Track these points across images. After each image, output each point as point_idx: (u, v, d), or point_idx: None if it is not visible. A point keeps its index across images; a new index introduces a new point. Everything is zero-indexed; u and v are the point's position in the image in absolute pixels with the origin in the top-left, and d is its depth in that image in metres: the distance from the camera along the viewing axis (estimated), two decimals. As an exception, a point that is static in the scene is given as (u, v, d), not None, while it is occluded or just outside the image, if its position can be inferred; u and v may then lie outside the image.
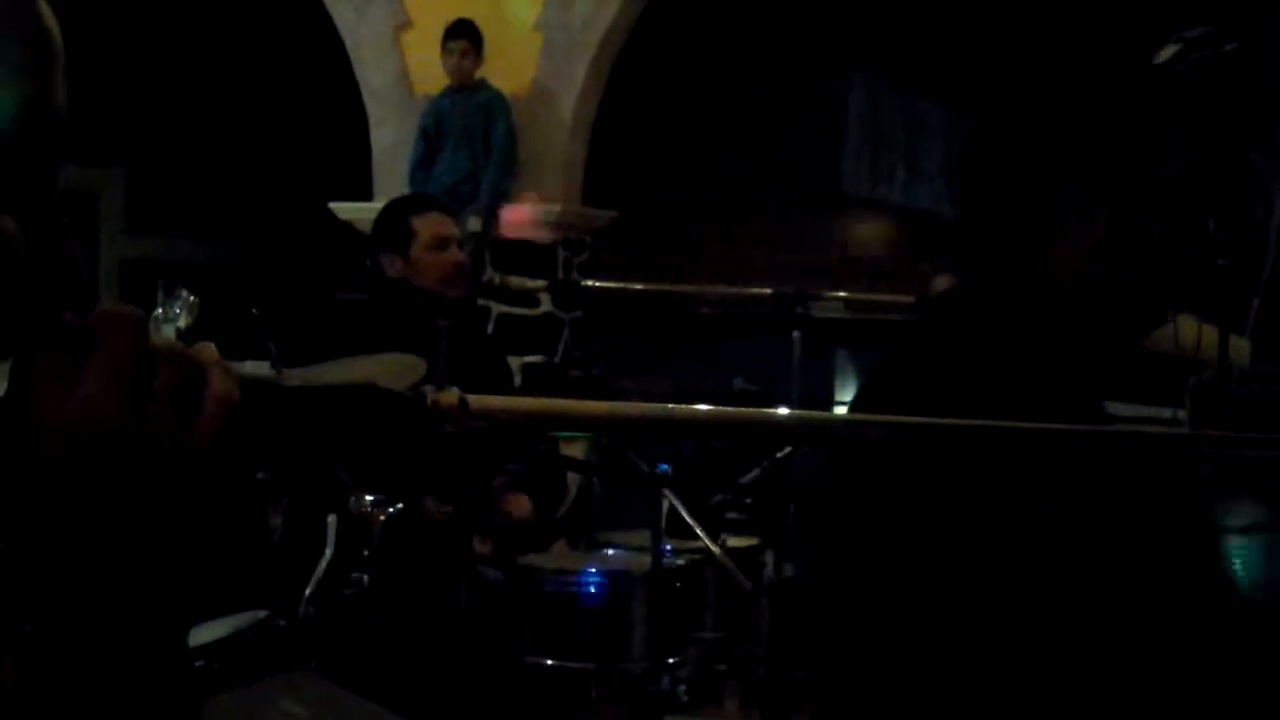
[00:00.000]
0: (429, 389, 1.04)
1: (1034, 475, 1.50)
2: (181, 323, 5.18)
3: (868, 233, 10.39)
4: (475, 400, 1.02)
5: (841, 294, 4.25)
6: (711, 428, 1.21)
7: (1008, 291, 1.68)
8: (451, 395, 1.02)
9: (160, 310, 5.23)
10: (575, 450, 4.88)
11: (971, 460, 1.50)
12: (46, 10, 0.82)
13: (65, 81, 0.83)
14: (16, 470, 0.77)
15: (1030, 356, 1.66)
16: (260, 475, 4.00)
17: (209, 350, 0.84)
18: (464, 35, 7.20)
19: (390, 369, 2.81)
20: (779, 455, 3.90)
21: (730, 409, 1.06)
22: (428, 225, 4.13)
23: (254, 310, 3.43)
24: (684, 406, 1.11)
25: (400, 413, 0.99)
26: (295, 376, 0.90)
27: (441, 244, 4.11)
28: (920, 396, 1.59)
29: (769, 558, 3.84)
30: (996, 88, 1.72)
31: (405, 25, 7.66)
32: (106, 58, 8.78)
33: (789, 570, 3.86)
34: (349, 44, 7.72)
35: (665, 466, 4.07)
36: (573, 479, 4.87)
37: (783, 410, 1.00)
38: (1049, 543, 1.51)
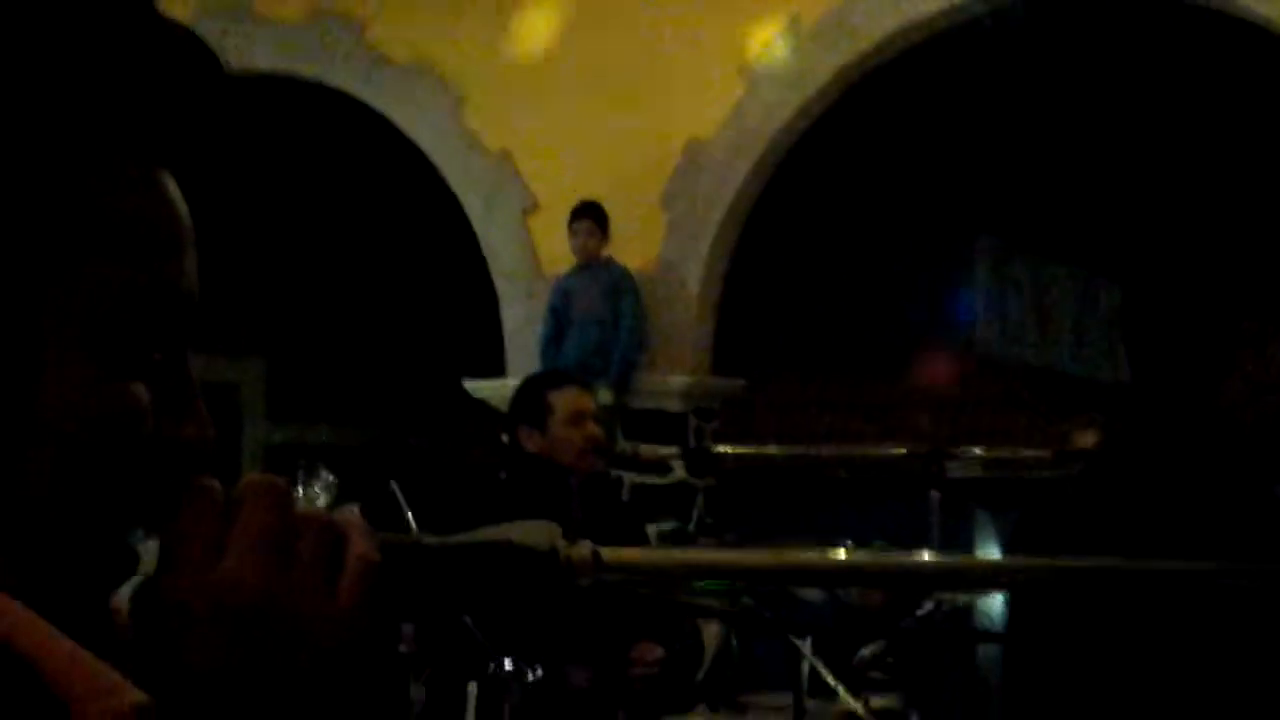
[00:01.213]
0: (562, 543, 1.06)
1: (1222, 620, 1.46)
2: (321, 502, 5.25)
3: (1000, 393, 10.29)
4: (608, 553, 1.03)
5: (978, 451, 4.19)
6: (848, 575, 1.20)
7: (1188, 433, 1.65)
8: (584, 549, 1.03)
9: (301, 491, 5.33)
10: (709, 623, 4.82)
11: (1156, 603, 1.47)
12: (173, 188, 0.86)
13: (195, 259, 0.87)
14: (165, 643, 0.79)
15: (1219, 497, 1.62)
16: (403, 648, 4.01)
17: (352, 514, 0.86)
18: (589, 216, 7.35)
19: (525, 535, 2.83)
20: (920, 613, 3.83)
21: (864, 556, 1.06)
22: (565, 400, 4.18)
23: (392, 483, 3.48)
24: (817, 554, 1.11)
25: (534, 567, 1.00)
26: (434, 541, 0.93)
27: (578, 418, 4.16)
28: (1100, 540, 1.56)
29: (914, 718, 3.75)
30: (1158, 233, 1.73)
31: (533, 208, 7.84)
32: (240, 254, 9.07)
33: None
34: (478, 227, 7.92)
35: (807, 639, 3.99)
36: (709, 641, 4.82)
37: (924, 555, 0.99)
38: (1243, 689, 1.47)
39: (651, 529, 5.94)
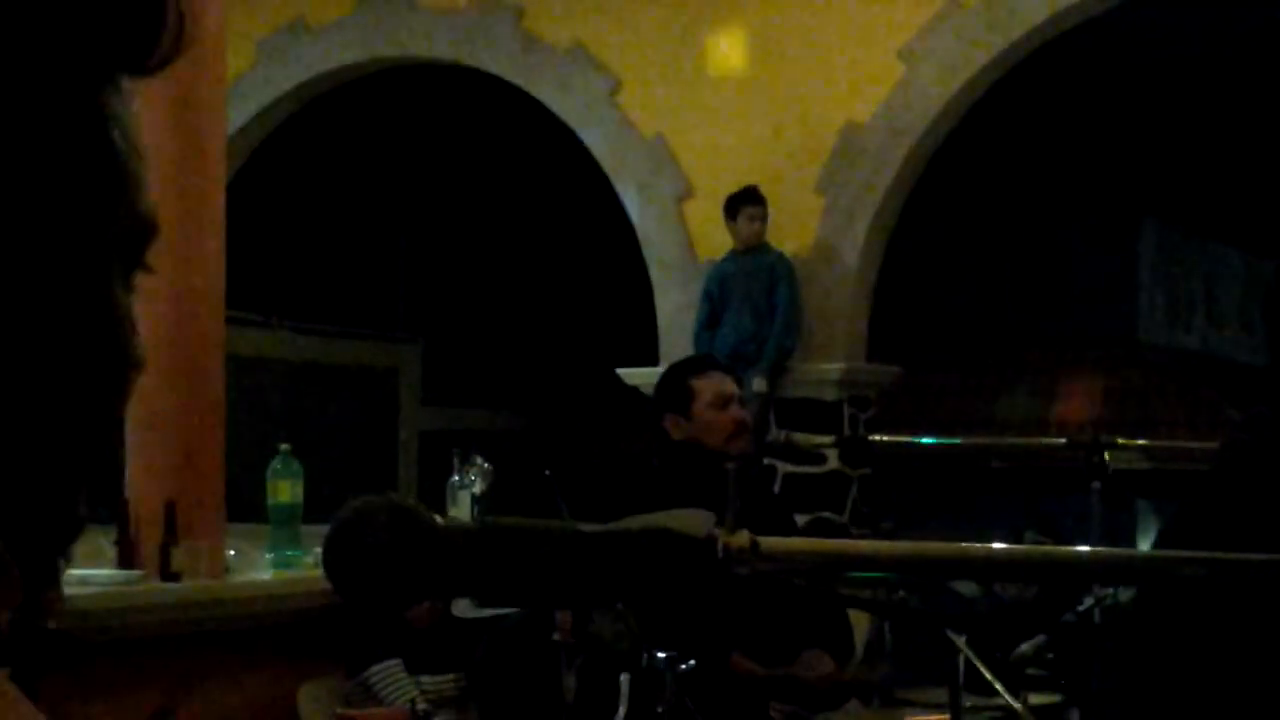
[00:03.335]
0: (720, 531, 1.05)
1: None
2: (476, 489, 5.32)
3: (1166, 381, 10.06)
4: (766, 542, 1.02)
5: (1141, 441, 4.08)
6: (1005, 567, 1.18)
7: None
8: (742, 537, 1.02)
9: (456, 477, 5.39)
10: (858, 621, 4.76)
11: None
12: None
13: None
14: None
15: None
16: (555, 637, 4.03)
17: None
18: (760, 201, 7.33)
19: (679, 524, 2.83)
20: (1080, 608, 3.75)
21: (1022, 548, 1.03)
22: (708, 385, 4.16)
23: (547, 472, 3.50)
24: (978, 546, 1.09)
25: (693, 555, 1.00)
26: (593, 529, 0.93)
27: (723, 402, 4.14)
28: (1256, 534, 1.52)
29: (1074, 716, 3.67)
30: None
31: (687, 195, 7.84)
32: (398, 240, 9.21)
33: (1096, 729, 3.69)
34: (634, 215, 7.94)
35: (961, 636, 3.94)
36: (858, 639, 4.78)
37: (1081, 548, 0.95)
38: None
39: (804, 518, 5.91)
